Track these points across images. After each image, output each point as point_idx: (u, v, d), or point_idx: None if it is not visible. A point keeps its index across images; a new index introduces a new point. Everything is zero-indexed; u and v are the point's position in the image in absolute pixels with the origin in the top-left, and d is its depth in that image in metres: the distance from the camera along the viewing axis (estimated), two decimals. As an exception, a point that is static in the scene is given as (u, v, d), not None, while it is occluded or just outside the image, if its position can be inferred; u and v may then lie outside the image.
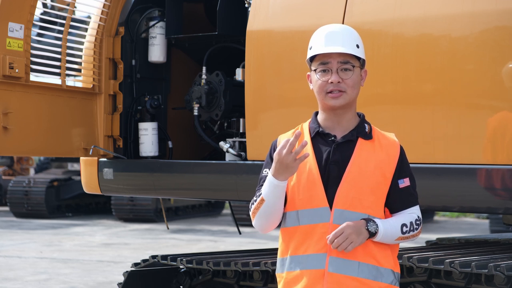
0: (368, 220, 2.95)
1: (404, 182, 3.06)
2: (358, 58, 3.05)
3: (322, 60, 3.03)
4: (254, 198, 3.05)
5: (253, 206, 3.05)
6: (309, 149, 3.05)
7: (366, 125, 3.09)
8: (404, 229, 3.02)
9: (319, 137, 3.07)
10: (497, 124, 4.37)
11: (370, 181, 3.00)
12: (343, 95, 3.02)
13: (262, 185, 3.07)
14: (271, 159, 3.11)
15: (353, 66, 3.03)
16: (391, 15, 4.69)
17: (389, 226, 2.99)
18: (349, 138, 3.04)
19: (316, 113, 3.13)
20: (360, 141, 3.05)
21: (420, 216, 3.08)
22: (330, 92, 3.01)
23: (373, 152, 3.04)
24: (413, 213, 3.06)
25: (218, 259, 5.36)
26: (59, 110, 5.48)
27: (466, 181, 4.48)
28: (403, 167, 3.07)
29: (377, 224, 2.96)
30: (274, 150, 3.10)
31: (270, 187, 2.97)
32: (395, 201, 3.04)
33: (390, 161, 3.04)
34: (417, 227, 3.05)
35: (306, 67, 3.13)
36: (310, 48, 3.07)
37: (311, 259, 2.99)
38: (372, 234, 2.95)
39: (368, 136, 3.06)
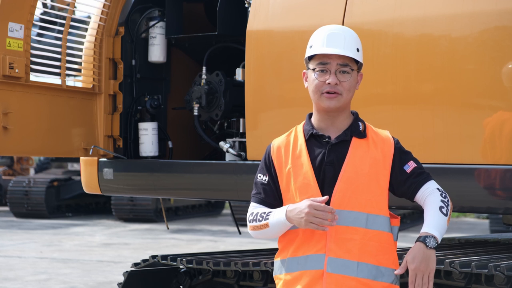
0: (423, 240, 2.94)
1: (410, 166, 3.07)
2: (357, 62, 3.06)
3: (321, 60, 3.03)
4: (259, 218, 3.06)
5: (254, 223, 3.08)
6: (303, 151, 3.06)
7: (360, 123, 3.09)
8: (444, 211, 3.00)
9: (313, 139, 3.07)
10: (497, 124, 4.37)
11: (366, 180, 3.00)
12: (338, 97, 3.02)
13: (259, 192, 3.11)
14: (266, 164, 3.12)
15: (352, 70, 3.03)
16: (391, 15, 4.69)
17: (438, 225, 2.97)
18: (343, 139, 3.05)
19: (310, 115, 3.14)
20: (354, 140, 3.05)
21: (440, 187, 3.07)
22: (326, 93, 3.01)
23: (368, 150, 3.04)
24: (433, 190, 3.04)
25: (218, 259, 5.36)
26: (59, 110, 5.48)
27: (466, 181, 4.47)
28: (402, 156, 3.08)
29: (433, 236, 2.94)
30: (269, 156, 3.12)
31: (278, 222, 3.01)
32: (410, 185, 3.05)
33: (386, 157, 3.05)
34: (447, 199, 3.04)
35: (306, 67, 3.14)
36: (311, 47, 3.07)
37: (310, 260, 2.99)
38: (435, 247, 2.94)
39: (362, 134, 3.07)
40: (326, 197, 2.95)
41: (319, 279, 2.97)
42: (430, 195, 3.04)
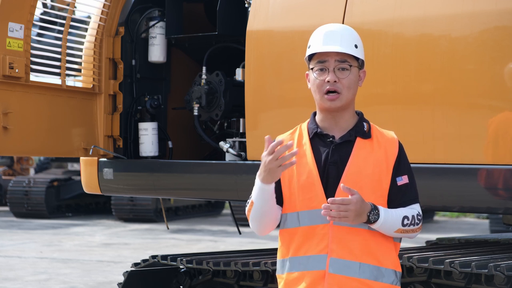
0: (373, 208, 2.93)
1: (403, 180, 3.04)
2: (357, 59, 3.05)
3: (319, 59, 3.03)
4: (247, 203, 3.05)
5: (246, 208, 3.06)
6: (308, 150, 3.05)
7: (364, 123, 3.08)
8: (405, 221, 3.00)
9: (317, 138, 3.06)
10: (497, 124, 4.37)
11: (369, 181, 3.00)
12: (340, 97, 3.01)
13: None
14: None
15: (350, 66, 3.02)
16: (391, 15, 4.69)
17: (390, 217, 2.97)
18: (347, 139, 3.04)
19: (315, 113, 3.13)
20: (359, 141, 3.04)
21: (421, 213, 3.07)
22: (327, 93, 3.01)
23: (372, 151, 3.03)
24: (414, 209, 3.05)
25: (218, 259, 5.36)
26: (59, 110, 5.48)
27: (466, 181, 4.47)
28: (401, 164, 3.05)
29: (379, 214, 2.94)
30: None
31: (257, 189, 2.98)
32: (394, 199, 3.03)
33: (389, 159, 3.04)
34: (418, 222, 3.03)
35: (306, 67, 3.13)
36: (309, 47, 3.08)
37: (312, 260, 2.99)
38: (370, 222, 2.94)
39: (366, 135, 3.06)
40: (276, 140, 2.89)
41: (321, 280, 2.96)
42: (407, 208, 3.04)
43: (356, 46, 3.04)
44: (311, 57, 3.07)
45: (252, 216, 3.04)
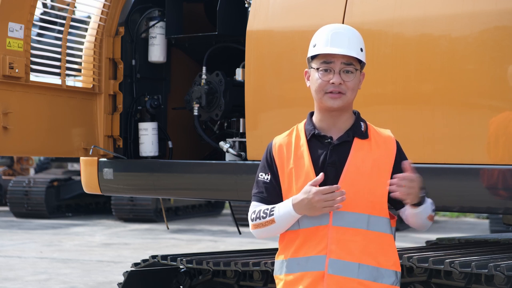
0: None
1: None
2: (360, 62, 3.06)
3: (325, 59, 3.02)
4: (263, 215, 3.03)
5: (258, 221, 3.05)
6: (305, 152, 3.04)
7: (362, 123, 3.08)
8: (432, 207, 3.04)
9: (315, 139, 3.06)
10: (497, 124, 4.37)
11: (368, 181, 2.99)
12: (342, 97, 3.01)
13: (261, 191, 3.09)
14: (267, 163, 3.11)
15: (356, 69, 3.03)
16: (391, 15, 4.69)
17: (428, 201, 3.02)
18: (345, 139, 3.04)
19: (311, 114, 3.13)
20: (356, 141, 3.04)
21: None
22: (330, 92, 3.01)
23: (370, 151, 3.03)
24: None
25: (218, 259, 5.36)
26: (59, 110, 5.48)
27: (466, 181, 4.47)
28: (403, 161, 3.06)
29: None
30: (270, 154, 3.11)
31: (286, 215, 2.98)
32: None
33: (388, 158, 3.04)
34: (433, 210, 3.07)
35: (306, 67, 3.13)
36: (314, 46, 3.06)
37: (311, 261, 2.99)
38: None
39: (364, 135, 3.06)
40: (321, 174, 2.94)
41: (320, 281, 2.96)
42: None
43: (361, 50, 3.04)
44: (314, 55, 3.06)
45: (265, 230, 3.05)
